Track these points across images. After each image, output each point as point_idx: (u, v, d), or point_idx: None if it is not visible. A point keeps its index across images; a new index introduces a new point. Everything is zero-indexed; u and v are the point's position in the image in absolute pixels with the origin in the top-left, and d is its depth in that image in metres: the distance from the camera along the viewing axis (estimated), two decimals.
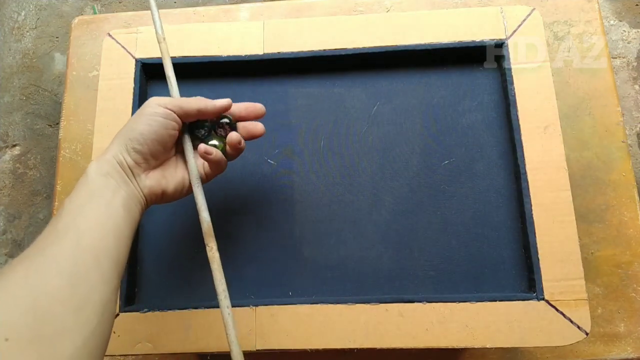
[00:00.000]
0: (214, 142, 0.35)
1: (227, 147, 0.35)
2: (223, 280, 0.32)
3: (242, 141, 0.35)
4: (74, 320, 0.24)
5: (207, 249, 0.33)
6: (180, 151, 0.35)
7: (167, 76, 0.36)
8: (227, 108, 0.35)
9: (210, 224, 0.33)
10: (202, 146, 0.33)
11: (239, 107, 0.36)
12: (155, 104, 0.32)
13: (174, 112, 0.32)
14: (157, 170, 0.34)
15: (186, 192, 0.35)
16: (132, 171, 0.32)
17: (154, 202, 0.34)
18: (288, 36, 0.43)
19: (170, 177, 0.34)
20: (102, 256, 0.27)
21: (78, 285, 0.25)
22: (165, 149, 0.33)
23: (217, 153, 0.34)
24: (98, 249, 0.27)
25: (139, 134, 0.31)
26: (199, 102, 0.33)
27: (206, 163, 0.34)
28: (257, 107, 0.36)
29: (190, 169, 0.34)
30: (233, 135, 0.34)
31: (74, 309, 0.24)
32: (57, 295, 0.24)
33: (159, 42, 0.36)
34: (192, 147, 0.35)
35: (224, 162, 0.35)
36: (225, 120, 0.35)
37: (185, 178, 0.34)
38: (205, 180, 0.35)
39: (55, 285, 0.24)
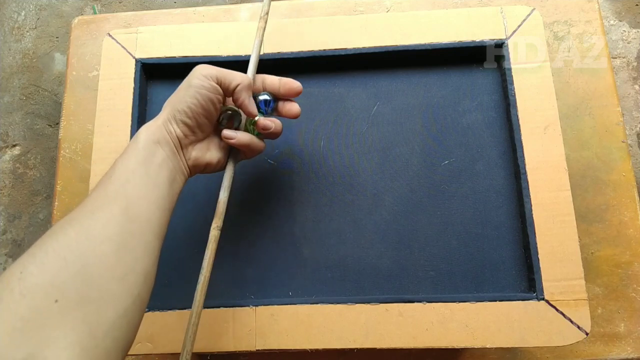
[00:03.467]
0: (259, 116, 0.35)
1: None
2: (211, 262, 0.32)
3: (273, 125, 0.35)
4: (118, 288, 0.25)
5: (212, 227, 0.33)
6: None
7: (253, 51, 0.37)
8: (251, 115, 0.35)
9: (224, 204, 0.34)
10: (224, 132, 0.34)
11: (274, 83, 0.36)
12: (202, 75, 0.32)
13: (219, 85, 0.32)
14: (204, 142, 0.34)
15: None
16: (180, 142, 0.32)
17: (197, 173, 0.34)
18: (288, 36, 0.43)
19: (214, 148, 0.35)
20: (146, 227, 0.28)
21: (124, 253, 0.26)
22: (211, 121, 0.34)
23: (240, 138, 0.34)
24: (143, 219, 0.28)
25: (187, 107, 0.32)
26: (238, 82, 0.33)
27: None
28: (294, 84, 0.36)
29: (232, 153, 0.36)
30: (260, 122, 0.35)
31: (119, 277, 0.25)
32: (105, 262, 0.24)
33: (260, 18, 0.38)
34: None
35: (254, 145, 0.35)
36: (266, 97, 0.36)
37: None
38: (243, 157, 0.36)
39: (104, 251, 0.25)
